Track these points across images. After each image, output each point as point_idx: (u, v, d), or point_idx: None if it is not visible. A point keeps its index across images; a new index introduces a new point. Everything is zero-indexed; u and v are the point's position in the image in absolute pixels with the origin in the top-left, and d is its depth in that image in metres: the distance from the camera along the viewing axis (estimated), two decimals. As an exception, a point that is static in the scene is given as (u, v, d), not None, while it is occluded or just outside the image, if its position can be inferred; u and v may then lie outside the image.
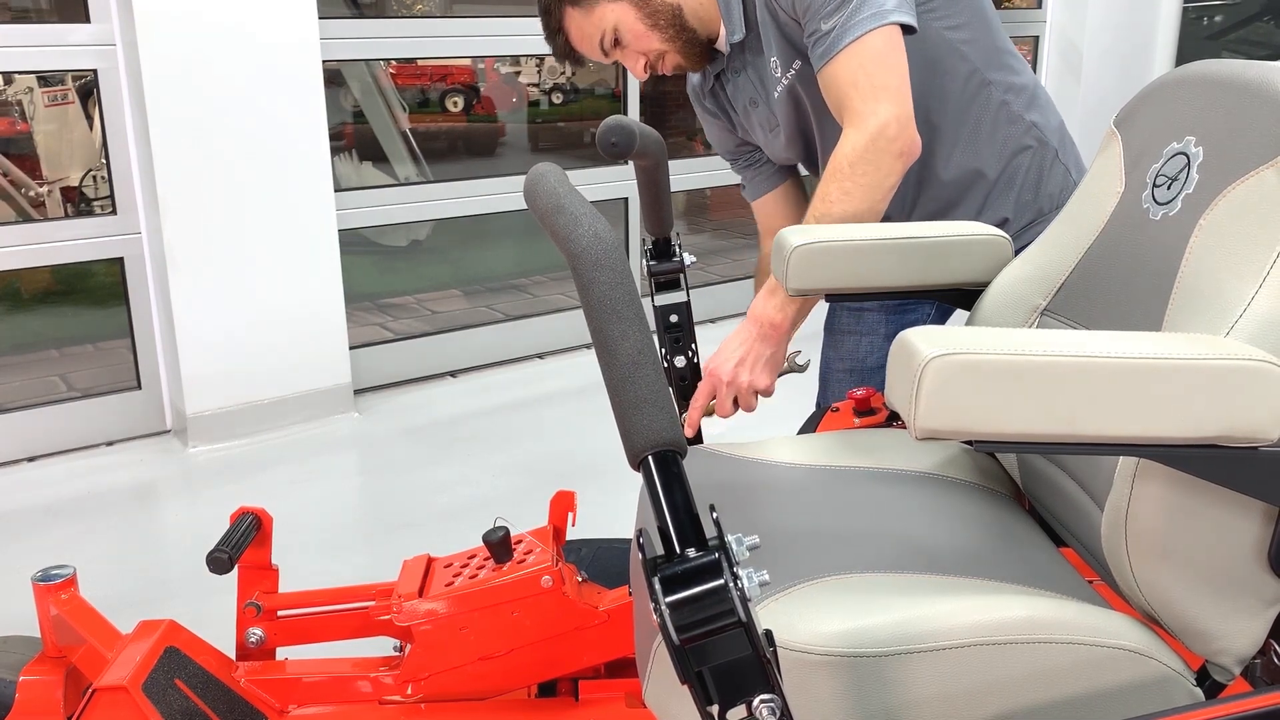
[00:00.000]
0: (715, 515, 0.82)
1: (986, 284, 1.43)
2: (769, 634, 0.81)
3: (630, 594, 1.41)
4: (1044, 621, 0.98)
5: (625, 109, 4.34)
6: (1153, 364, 0.86)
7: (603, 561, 1.72)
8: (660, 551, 0.80)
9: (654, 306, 1.69)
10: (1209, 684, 1.02)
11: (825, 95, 1.56)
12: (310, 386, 3.48)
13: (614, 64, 1.74)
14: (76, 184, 3.74)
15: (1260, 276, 0.99)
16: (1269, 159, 1.04)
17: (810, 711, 0.96)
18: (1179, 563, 0.98)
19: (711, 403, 1.64)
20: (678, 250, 1.75)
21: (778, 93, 1.71)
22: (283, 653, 1.55)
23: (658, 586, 0.77)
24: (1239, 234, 1.04)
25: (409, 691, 1.43)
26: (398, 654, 1.49)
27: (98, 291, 3.67)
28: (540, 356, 4.16)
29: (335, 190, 3.43)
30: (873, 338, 1.86)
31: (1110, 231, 1.26)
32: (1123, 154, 1.28)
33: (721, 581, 0.77)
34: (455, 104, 5.09)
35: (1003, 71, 1.71)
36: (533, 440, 3.36)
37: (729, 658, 0.78)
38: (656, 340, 1.66)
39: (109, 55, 3.16)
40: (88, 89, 3.47)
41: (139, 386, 3.41)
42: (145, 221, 3.29)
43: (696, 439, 1.67)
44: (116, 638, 1.39)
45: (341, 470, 3.25)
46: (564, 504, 1.55)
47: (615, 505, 2.15)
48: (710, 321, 4.28)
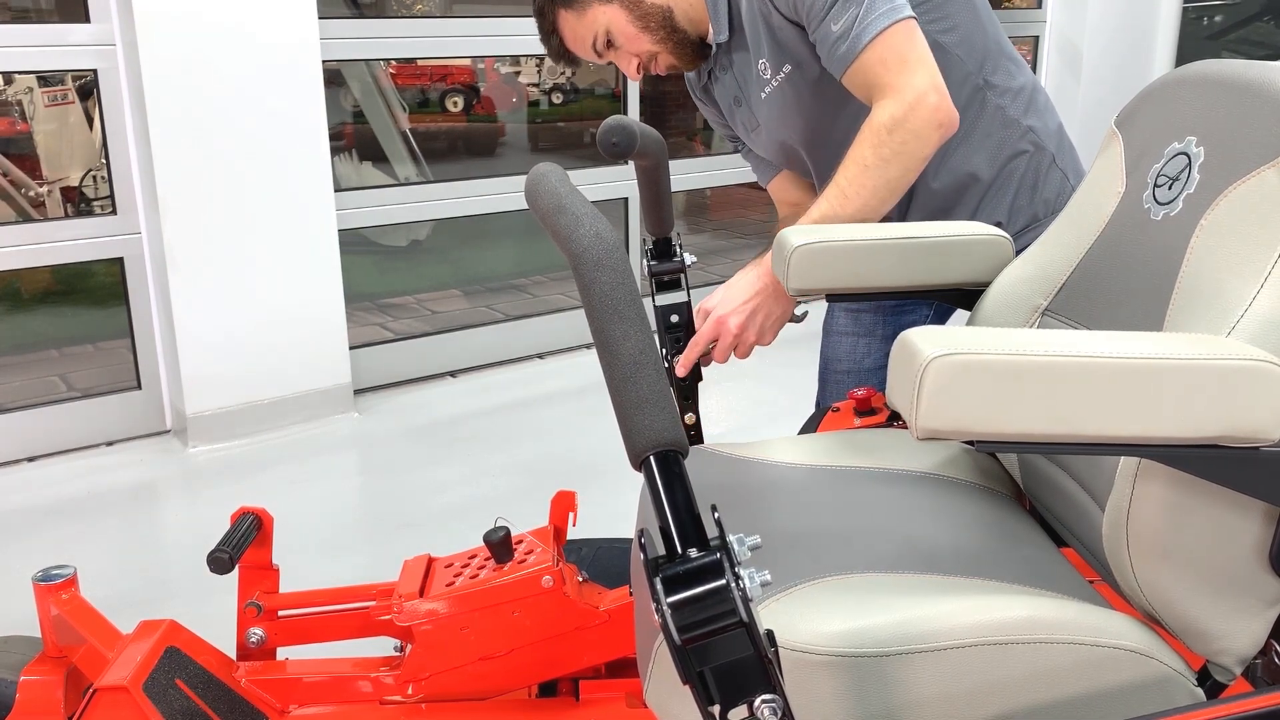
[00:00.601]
0: (717, 515, 0.82)
1: (987, 284, 1.43)
2: (770, 634, 0.81)
3: (631, 594, 1.41)
4: (1045, 622, 0.98)
5: (625, 109, 4.34)
6: (1154, 364, 0.86)
7: (603, 561, 1.72)
8: (662, 551, 0.80)
9: (655, 306, 1.69)
10: (1210, 684, 1.02)
11: (854, 90, 1.54)
12: (310, 386, 3.48)
13: (610, 64, 1.74)
14: (76, 184, 3.74)
15: (1261, 276, 0.99)
16: (1270, 159, 1.04)
17: (811, 711, 0.96)
18: (1180, 563, 0.98)
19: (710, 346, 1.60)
20: (678, 250, 1.75)
21: (764, 94, 1.70)
22: (283, 653, 1.55)
23: (659, 586, 0.77)
24: (1240, 234, 1.04)
25: (410, 691, 1.43)
26: (398, 654, 1.48)
27: (98, 291, 3.67)
28: (540, 356, 4.15)
29: (335, 190, 3.43)
30: (870, 339, 1.86)
31: (1111, 231, 1.26)
32: (1124, 154, 1.28)
33: (723, 581, 0.77)
34: (455, 104, 5.10)
35: (999, 74, 1.69)
36: (533, 440, 3.36)
37: (730, 658, 0.78)
38: (657, 340, 1.66)
39: (109, 55, 3.15)
40: (88, 89, 3.47)
41: (139, 386, 3.41)
42: (145, 221, 3.29)
43: (697, 437, 1.67)
44: (117, 638, 1.39)
45: (342, 470, 3.25)
46: (564, 504, 1.54)
47: (616, 505, 2.15)
48: (710, 321, 4.27)
